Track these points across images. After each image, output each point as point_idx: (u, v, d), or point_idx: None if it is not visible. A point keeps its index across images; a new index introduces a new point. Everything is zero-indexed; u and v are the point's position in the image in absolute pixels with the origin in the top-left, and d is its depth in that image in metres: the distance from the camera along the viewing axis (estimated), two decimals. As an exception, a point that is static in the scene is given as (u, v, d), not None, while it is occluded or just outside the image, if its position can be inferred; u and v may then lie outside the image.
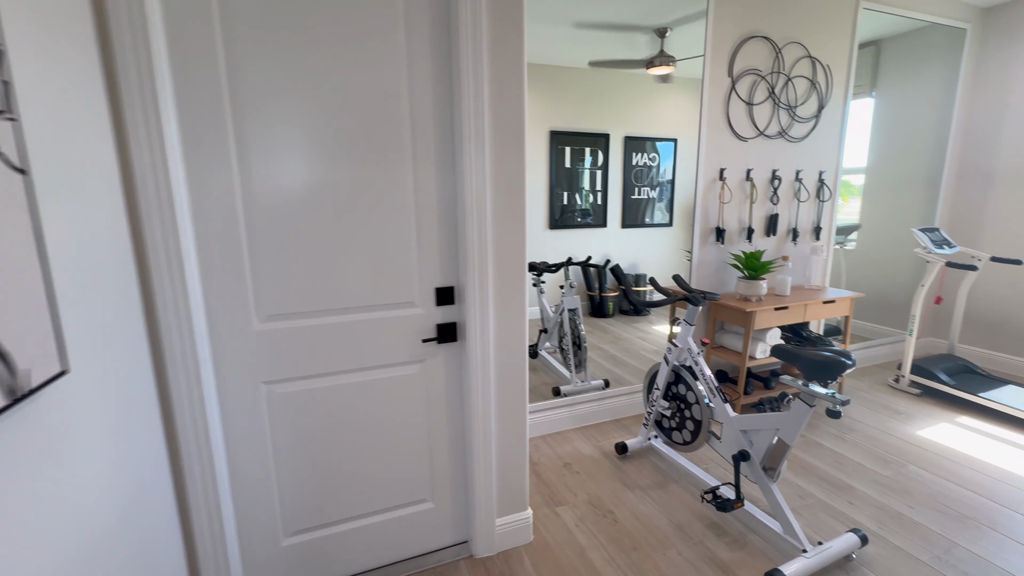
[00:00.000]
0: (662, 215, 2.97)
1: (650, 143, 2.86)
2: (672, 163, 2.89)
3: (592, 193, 2.85)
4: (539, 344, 3.03)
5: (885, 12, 3.04)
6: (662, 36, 2.73)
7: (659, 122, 2.77)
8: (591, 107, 2.65)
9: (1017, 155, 3.34)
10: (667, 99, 2.74)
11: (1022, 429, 2.63)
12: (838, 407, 1.53)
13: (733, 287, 3.00)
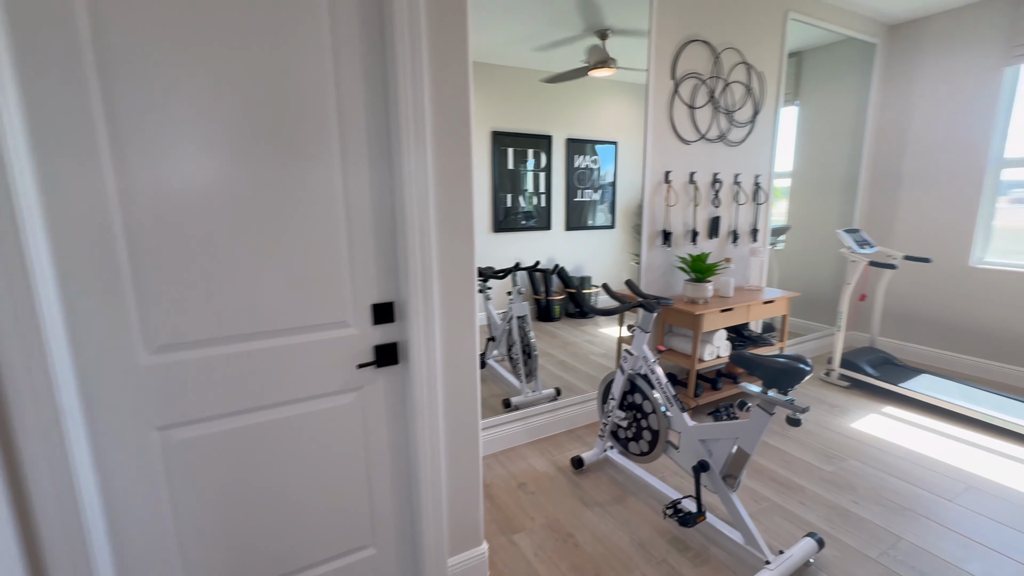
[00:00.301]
0: (605, 217, 2.94)
1: (591, 146, 2.82)
2: (613, 166, 2.88)
3: (536, 195, 2.77)
4: (487, 353, 2.88)
5: (809, 23, 3.19)
6: (603, 38, 2.69)
7: (600, 125, 2.75)
8: (533, 108, 2.57)
9: (920, 161, 3.64)
10: (608, 102, 2.72)
11: (937, 415, 2.83)
12: (798, 415, 1.51)
13: (680, 290, 3.01)
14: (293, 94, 1.14)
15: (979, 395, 2.91)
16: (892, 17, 3.55)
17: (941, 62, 3.47)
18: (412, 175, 1.26)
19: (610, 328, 3.03)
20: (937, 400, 2.85)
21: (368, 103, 1.23)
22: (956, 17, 3.37)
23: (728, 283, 2.87)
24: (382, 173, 1.28)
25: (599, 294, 3.10)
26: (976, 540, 1.82)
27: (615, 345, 3.01)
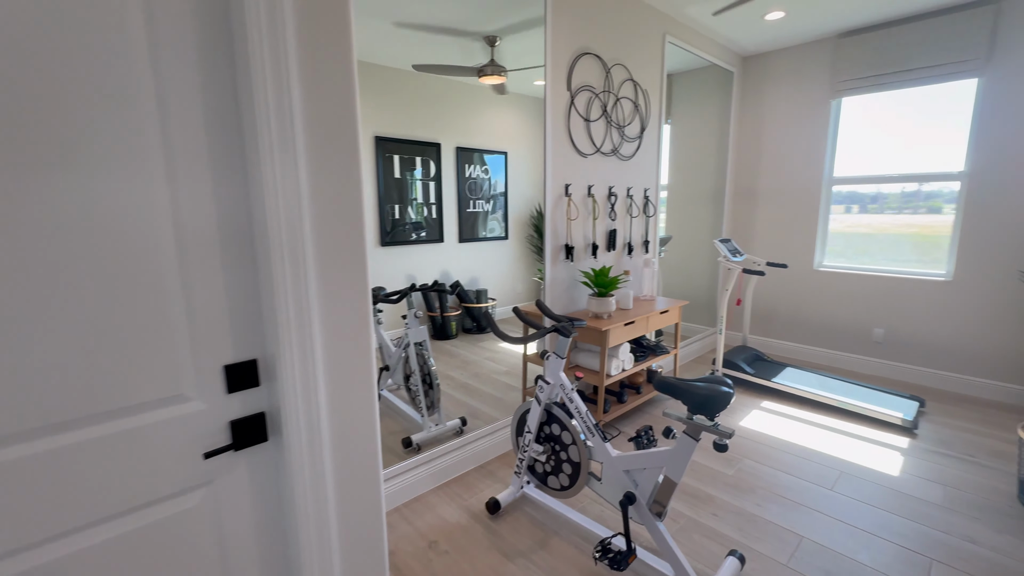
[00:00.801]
0: (498, 228, 2.81)
1: (481, 155, 2.68)
2: (504, 176, 2.77)
3: (426, 206, 2.53)
4: (380, 383, 2.54)
5: (682, 47, 3.40)
6: (492, 44, 2.55)
7: (489, 134, 2.62)
8: (421, 114, 2.35)
9: (772, 178, 4.12)
10: (496, 111, 2.60)
11: (804, 405, 3.16)
12: (725, 440, 1.46)
13: (583, 304, 2.96)
14: (66, 60, 0.75)
15: (832, 383, 3.32)
16: (744, 49, 3.97)
17: (784, 92, 3.96)
18: (278, 184, 0.93)
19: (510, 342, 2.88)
20: (802, 391, 3.19)
21: (206, 85, 0.88)
22: (793, 54, 3.88)
23: (628, 295, 2.89)
24: (234, 182, 0.93)
25: (495, 306, 2.95)
26: (860, 527, 1.98)
27: (519, 362, 2.86)
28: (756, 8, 3.12)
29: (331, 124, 1.01)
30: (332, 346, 1.06)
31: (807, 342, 4.07)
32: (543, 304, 2.03)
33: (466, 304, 2.85)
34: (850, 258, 3.85)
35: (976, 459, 2.50)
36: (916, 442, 2.68)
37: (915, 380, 3.55)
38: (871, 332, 3.73)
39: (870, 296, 3.70)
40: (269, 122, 0.90)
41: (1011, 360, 3.17)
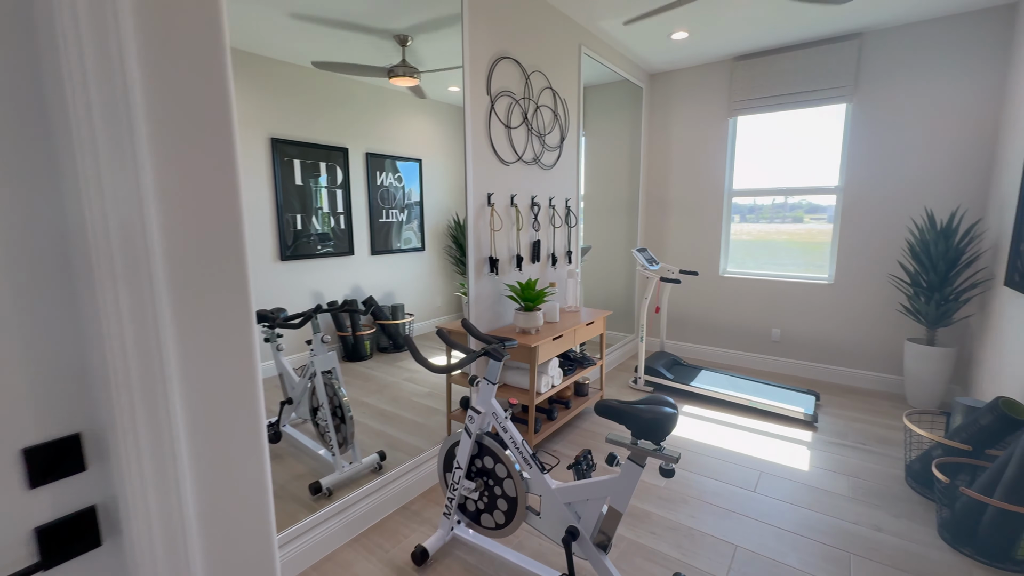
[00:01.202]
0: (414, 239, 2.62)
1: (393, 162, 2.48)
2: (419, 184, 2.59)
3: (333, 216, 2.27)
4: (281, 419, 2.20)
5: (596, 60, 3.44)
6: (403, 44, 2.36)
7: (402, 140, 2.44)
8: (326, 116, 2.11)
9: (681, 190, 4.33)
10: (410, 116, 2.43)
11: (720, 407, 3.29)
12: (671, 465, 1.38)
13: (509, 319, 2.82)
14: None
15: (742, 383, 3.51)
16: (652, 66, 4.14)
17: (688, 109, 4.19)
18: (103, 184, 0.65)
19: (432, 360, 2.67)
20: (718, 393, 3.32)
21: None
22: (694, 74, 4.12)
23: (555, 308, 2.80)
24: (35, 186, 0.64)
25: (413, 322, 2.73)
26: (785, 528, 2.03)
27: (442, 381, 2.65)
28: (663, 27, 3.24)
29: (193, 113, 0.75)
30: (199, 399, 0.78)
31: (717, 344, 4.30)
32: (470, 324, 1.85)
33: (381, 321, 2.59)
34: (744, 264, 4.15)
35: (868, 447, 2.73)
36: (818, 435, 2.88)
37: (809, 375, 3.88)
38: (770, 332, 4.03)
39: (767, 299, 4.00)
40: (89, 108, 0.63)
41: (886, 353, 3.57)
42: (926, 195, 3.31)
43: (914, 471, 2.34)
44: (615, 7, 2.93)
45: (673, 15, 3.06)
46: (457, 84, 2.46)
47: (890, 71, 3.34)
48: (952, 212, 3.19)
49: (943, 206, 3.26)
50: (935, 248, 3.01)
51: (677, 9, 2.98)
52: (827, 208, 3.74)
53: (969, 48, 3.09)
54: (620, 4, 2.89)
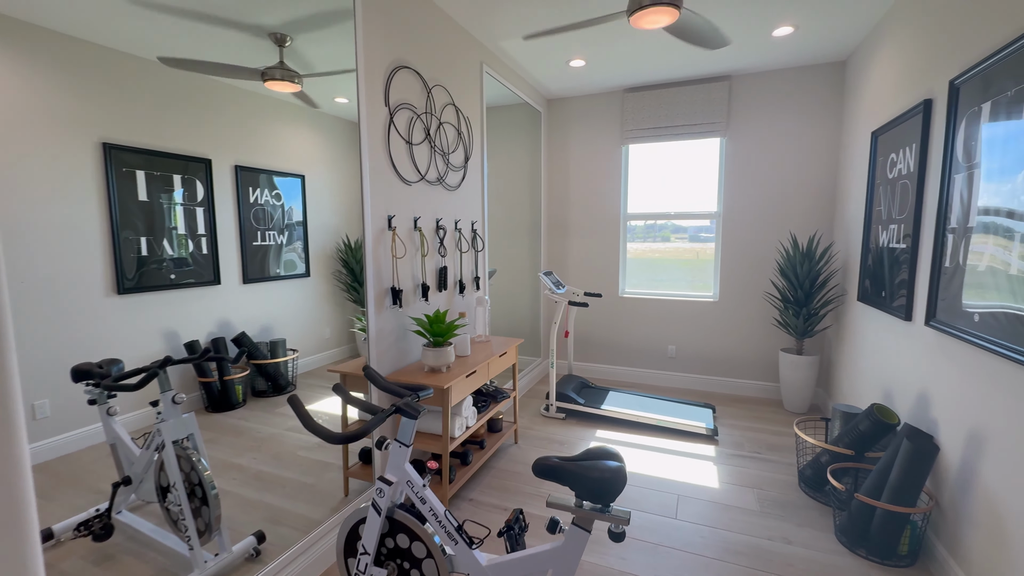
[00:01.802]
0: (296, 264, 2.25)
1: (268, 177, 2.11)
2: (301, 203, 2.25)
3: (192, 239, 1.85)
4: (114, 505, 1.67)
5: (498, 80, 3.35)
6: (280, 44, 2.02)
7: (280, 153, 2.09)
8: (182, 120, 1.71)
9: (581, 213, 4.41)
10: (290, 127, 2.10)
11: (630, 428, 3.31)
12: (622, 527, 1.22)
13: (415, 356, 2.52)
14: None
15: (648, 402, 3.59)
16: (550, 92, 4.19)
17: (585, 134, 4.30)
18: None
19: (324, 402, 2.29)
20: (627, 415, 3.34)
21: None
22: (589, 102, 4.25)
23: (465, 341, 2.57)
24: None
25: (298, 358, 2.34)
26: (710, 556, 2.01)
27: (338, 425, 2.27)
28: (562, 53, 3.27)
29: None
30: None
31: (619, 363, 4.40)
32: (373, 372, 1.54)
33: (257, 361, 2.15)
34: (640, 284, 4.34)
35: (763, 455, 2.91)
36: (720, 448, 3.01)
37: (703, 388, 4.13)
38: (667, 349, 4.23)
39: (663, 317, 4.20)
40: None
41: (765, 362, 3.93)
42: (790, 221, 3.73)
43: (806, 476, 2.51)
44: (515, 27, 2.86)
45: (571, 42, 3.08)
46: (345, 95, 2.17)
47: (754, 111, 3.74)
48: (810, 236, 3.64)
49: (803, 230, 3.71)
50: (801, 268, 3.38)
51: (573, 33, 3.00)
52: (687, 228, 4.07)
53: (813, 95, 3.58)
54: (520, 24, 2.82)
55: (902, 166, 2.40)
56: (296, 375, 2.40)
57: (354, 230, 2.37)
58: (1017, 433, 1.49)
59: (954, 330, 1.83)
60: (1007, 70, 1.57)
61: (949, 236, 1.91)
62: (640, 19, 2.09)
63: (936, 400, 1.98)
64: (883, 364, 2.53)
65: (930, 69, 2.15)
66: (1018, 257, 1.48)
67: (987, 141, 1.68)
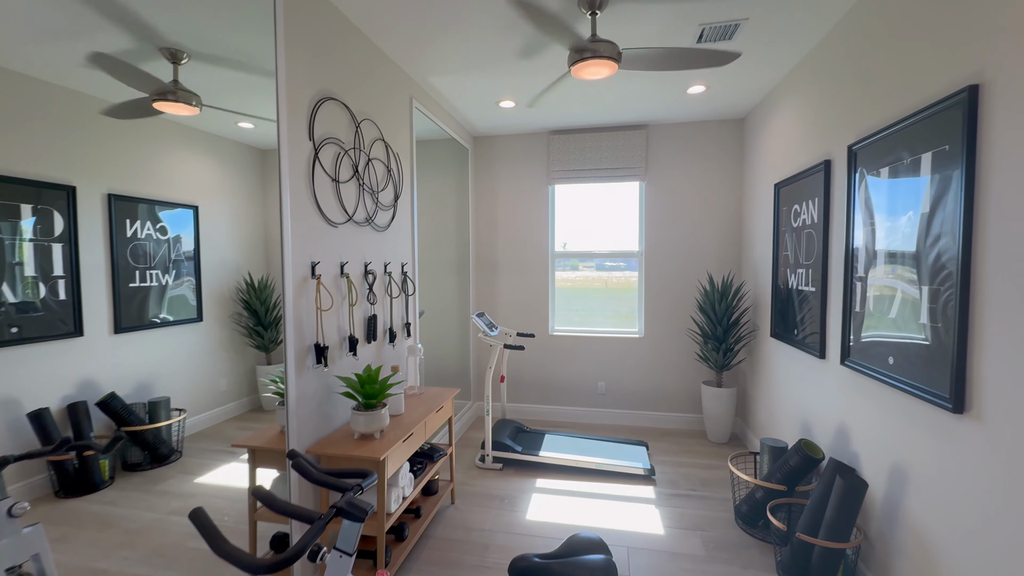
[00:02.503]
0: (185, 307, 1.92)
1: (151, 208, 1.81)
2: (194, 237, 1.94)
3: (46, 281, 1.51)
4: None
5: (427, 116, 3.22)
6: (176, 61, 1.74)
7: (168, 181, 1.81)
8: (35, 138, 1.40)
9: (509, 251, 4.36)
10: (180, 151, 1.82)
11: (570, 475, 3.21)
12: (614, 630, 1.08)
13: (341, 420, 2.21)
14: None
15: (584, 443, 3.53)
16: (477, 129, 4.15)
17: (513, 173, 4.30)
18: None
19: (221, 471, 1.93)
20: (565, 460, 3.24)
21: None
22: (516, 141, 4.27)
23: (399, 399, 2.32)
24: None
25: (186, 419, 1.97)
26: (671, 618, 1.93)
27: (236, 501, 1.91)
28: (492, 94, 3.24)
29: None
30: None
31: (552, 402, 4.34)
32: (304, 464, 1.27)
33: (130, 428, 1.76)
34: (570, 321, 4.36)
35: (699, 492, 2.96)
36: (658, 488, 3.01)
37: (633, 423, 4.19)
38: (597, 385, 4.25)
39: (592, 354, 4.23)
40: None
41: (688, 395, 4.09)
42: (705, 261, 3.99)
43: (743, 513, 2.57)
44: (446, 64, 2.77)
45: (503, 84, 3.07)
46: (251, 119, 1.91)
47: (669, 158, 4.01)
48: (724, 276, 3.91)
49: (718, 270, 3.98)
50: (719, 306, 3.60)
51: (506, 76, 2.99)
52: (594, 259, 4.23)
53: (718, 146, 3.92)
54: (449, 64, 2.75)
55: (806, 217, 2.66)
56: (183, 440, 1.99)
57: (257, 267, 2.07)
58: (935, 467, 1.62)
59: (868, 370, 1.99)
60: (902, 140, 1.78)
61: (858, 284, 2.11)
62: (581, 70, 2.10)
63: (855, 435, 2.13)
64: (801, 398, 2.71)
65: (828, 134, 2.41)
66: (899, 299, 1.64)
67: (888, 199, 1.88)
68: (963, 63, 1.51)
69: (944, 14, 1.60)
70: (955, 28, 1.55)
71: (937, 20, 1.63)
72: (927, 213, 1.66)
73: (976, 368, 1.45)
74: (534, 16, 2.14)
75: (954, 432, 1.54)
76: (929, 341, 1.64)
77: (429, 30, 2.35)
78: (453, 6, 2.13)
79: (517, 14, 2.20)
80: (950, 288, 1.54)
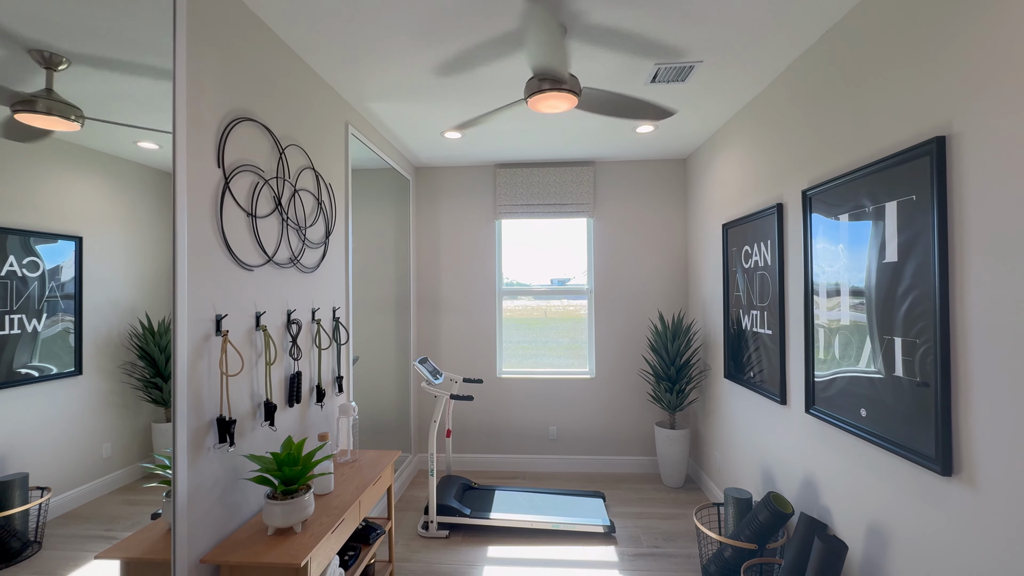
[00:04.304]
0: (61, 358, 1.48)
1: (22, 240, 1.39)
2: (76, 273, 1.52)
3: None
4: None
5: (364, 143, 2.93)
6: (51, 67, 1.37)
7: (44, 207, 1.39)
8: None
9: (453, 288, 4.08)
10: (59, 173, 1.41)
11: (523, 538, 2.90)
12: None
13: (249, 511, 1.78)
14: None
15: (537, 499, 3.25)
16: (419, 160, 3.90)
17: (457, 207, 4.07)
18: None
19: (91, 568, 1.45)
20: (518, 522, 2.93)
21: None
22: (461, 173, 4.07)
23: (328, 478, 1.93)
24: None
25: (49, 500, 1.49)
26: None
27: None
28: (437, 123, 3.03)
29: None
30: None
31: (500, 451, 4.02)
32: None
33: None
34: (519, 363, 4.13)
35: (662, 549, 2.77)
36: (620, 547, 2.78)
37: (586, 469, 3.97)
38: (547, 430, 4.01)
39: (542, 397, 4.00)
40: None
41: (641, 437, 3.95)
42: (655, 299, 3.95)
43: (710, 573, 2.40)
44: (380, 91, 2.53)
45: (448, 115, 2.86)
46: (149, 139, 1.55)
47: (617, 195, 3.98)
48: (674, 314, 3.88)
49: (668, 308, 3.94)
50: (671, 346, 3.53)
51: (453, 105, 2.79)
52: (543, 297, 4.10)
53: (663, 184, 3.95)
54: (385, 90, 2.51)
55: (758, 258, 2.64)
56: (43, 526, 1.49)
57: (158, 308, 1.65)
58: (922, 531, 1.52)
59: (838, 421, 1.91)
60: (863, 188, 1.76)
61: (820, 330, 2.06)
62: (538, 103, 1.94)
63: (826, 488, 2.04)
64: (761, 445, 2.63)
65: (779, 178, 2.42)
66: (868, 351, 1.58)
67: (849, 245, 1.85)
68: (928, 114, 1.50)
69: (906, 64, 1.60)
70: (918, 79, 1.55)
71: (898, 70, 1.63)
72: (896, 263, 1.62)
73: (964, 427, 1.38)
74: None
75: (943, 496, 1.46)
76: (906, 396, 1.57)
77: (357, 52, 2.10)
78: (377, 25, 1.91)
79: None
80: (927, 341, 1.48)
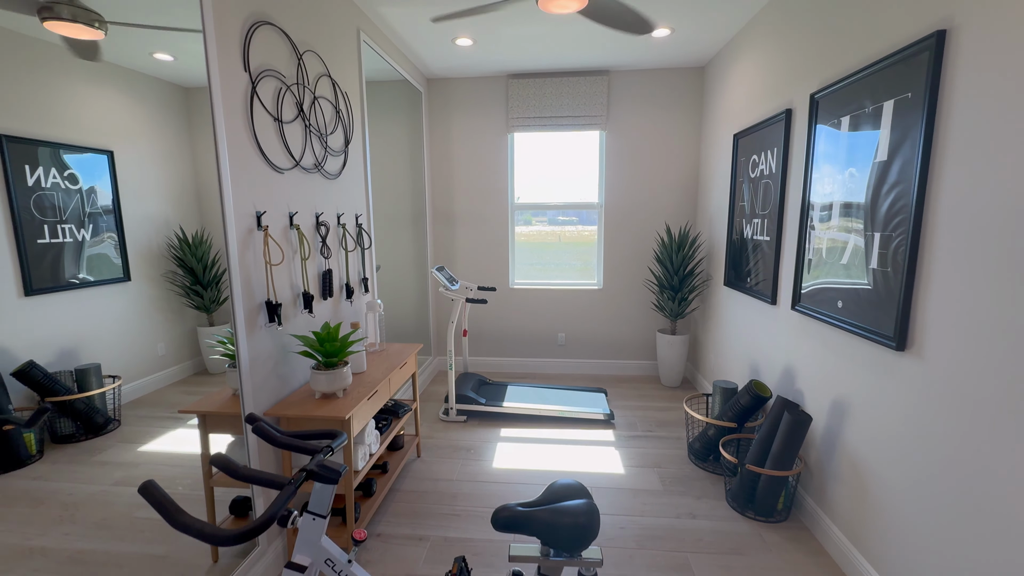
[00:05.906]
0: (109, 266, 1.72)
1: (55, 152, 1.56)
2: (112, 187, 1.71)
3: None
4: None
5: (375, 51, 2.94)
6: None
7: (74, 121, 1.54)
8: None
9: (467, 203, 4.21)
10: (87, 87, 1.55)
11: (533, 423, 3.29)
12: (594, 570, 1.11)
13: (299, 380, 2.11)
14: None
15: (546, 393, 3.61)
16: (430, 71, 3.86)
17: (470, 120, 4.07)
18: None
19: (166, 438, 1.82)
20: (528, 409, 3.31)
21: None
22: (473, 85, 4.03)
23: (361, 357, 2.23)
24: None
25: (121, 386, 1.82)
26: (632, 547, 2.05)
27: (197, 467, 1.82)
28: (448, 28, 2.99)
29: None
30: None
31: (512, 355, 4.38)
32: (265, 427, 1.19)
33: (56, 398, 1.60)
34: (528, 274, 4.35)
35: (655, 433, 3.13)
36: (618, 431, 3.16)
37: (592, 371, 4.32)
38: (556, 337, 4.32)
39: (552, 306, 4.27)
40: None
41: (644, 343, 4.24)
42: (664, 212, 4.03)
43: (695, 449, 2.75)
44: (401, -7, 2.51)
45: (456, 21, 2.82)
46: (165, 49, 1.65)
47: (631, 106, 3.93)
48: (681, 227, 3.98)
49: (675, 221, 4.04)
50: (675, 256, 3.68)
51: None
52: (547, 212, 4.21)
53: (678, 95, 3.88)
54: (407, -10, 2.48)
55: (764, 167, 2.70)
56: (120, 408, 1.83)
57: (191, 222, 1.86)
58: (872, 399, 1.76)
59: (817, 313, 2.10)
60: (866, 88, 1.80)
61: (812, 233, 2.19)
62: (549, 2, 1.95)
63: (802, 374, 2.28)
64: (751, 342, 2.87)
65: (790, 82, 2.41)
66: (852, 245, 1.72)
67: (847, 148, 1.92)
68: (932, 8, 1.51)
69: (917, -45, 1.58)
70: (926, -30, 1.53)
71: (909, -39, 1.61)
72: (885, 161, 1.70)
73: (921, 308, 1.55)
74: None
75: (894, 368, 1.67)
76: (878, 285, 1.73)
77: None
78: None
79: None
80: (902, 234, 1.61)
